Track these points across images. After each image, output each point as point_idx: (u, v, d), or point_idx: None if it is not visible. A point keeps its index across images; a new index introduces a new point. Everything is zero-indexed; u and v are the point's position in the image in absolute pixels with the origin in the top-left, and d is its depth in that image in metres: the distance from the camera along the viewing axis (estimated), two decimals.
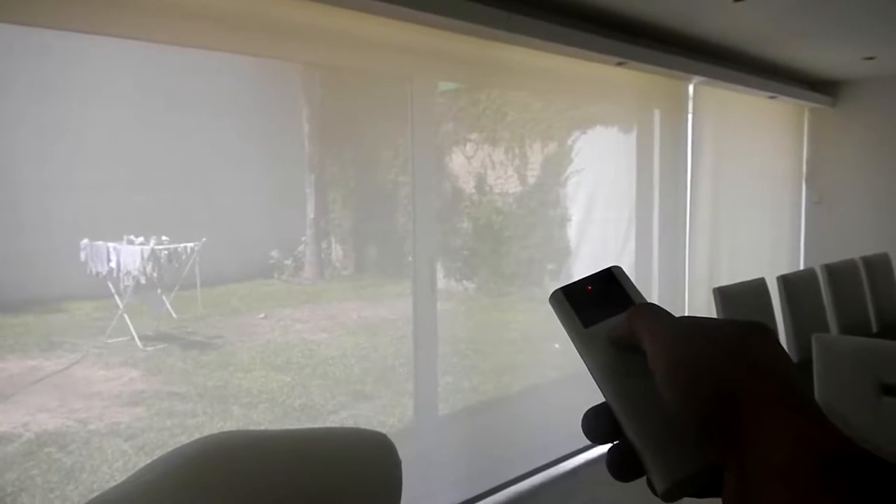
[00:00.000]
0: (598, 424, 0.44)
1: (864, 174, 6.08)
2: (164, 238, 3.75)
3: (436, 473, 3.49)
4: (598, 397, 0.45)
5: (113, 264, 3.61)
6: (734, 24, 4.03)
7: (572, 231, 4.56)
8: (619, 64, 4.11)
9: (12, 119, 3.26)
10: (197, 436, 1.18)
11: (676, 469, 0.40)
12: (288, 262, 4.79)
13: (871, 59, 5.10)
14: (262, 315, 4.46)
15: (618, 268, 0.51)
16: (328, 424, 3.55)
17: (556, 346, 4.46)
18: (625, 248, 4.72)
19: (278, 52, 3.05)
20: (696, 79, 4.77)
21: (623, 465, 0.42)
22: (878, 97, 5.98)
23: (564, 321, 0.49)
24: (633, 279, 0.50)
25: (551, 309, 0.50)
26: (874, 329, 4.11)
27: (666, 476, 0.40)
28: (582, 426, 0.44)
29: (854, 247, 5.25)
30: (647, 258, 4.86)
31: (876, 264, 4.32)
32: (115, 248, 3.62)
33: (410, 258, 3.43)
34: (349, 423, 3.53)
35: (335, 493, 1.20)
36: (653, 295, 4.88)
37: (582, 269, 4.56)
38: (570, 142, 4.56)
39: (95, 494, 1.00)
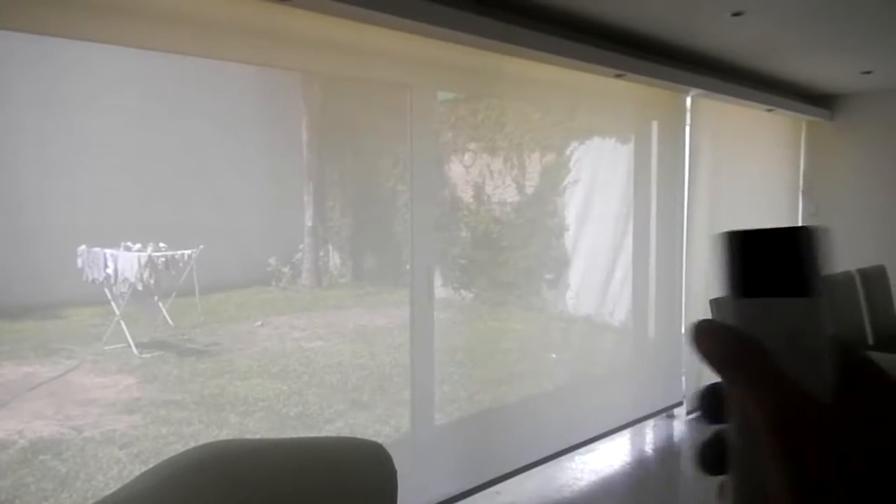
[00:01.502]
0: (712, 454, 0.37)
1: (861, 187, 6.10)
2: (161, 245, 3.75)
3: (431, 482, 3.48)
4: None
5: (110, 271, 3.61)
6: (732, 38, 4.05)
7: (569, 240, 4.57)
8: (618, 76, 4.13)
9: (12, 127, 3.26)
10: (193, 444, 1.18)
11: None
12: (286, 269, 4.79)
13: (868, 73, 5.13)
14: (259, 323, 4.46)
15: (818, 229, 0.38)
16: (324, 433, 3.54)
17: (553, 356, 4.46)
18: (622, 257, 4.72)
19: (279, 61, 3.06)
20: (694, 91, 4.79)
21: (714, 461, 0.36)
22: (876, 111, 6.01)
23: (723, 273, 0.38)
24: (629, 288, 0.44)
25: (715, 251, 0.39)
26: (870, 341, 4.12)
27: None
28: (695, 457, 0.38)
29: (850, 259, 5.26)
30: (643, 268, 4.86)
31: (872, 277, 4.33)
32: (112, 255, 3.62)
33: (408, 267, 3.43)
34: (345, 432, 3.52)
35: (331, 502, 1.20)
36: (650, 305, 4.89)
37: (579, 278, 4.56)
38: (567, 152, 4.57)
39: (90, 503, 0.99)
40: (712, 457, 0.36)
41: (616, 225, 4.71)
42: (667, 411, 4.99)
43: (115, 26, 2.39)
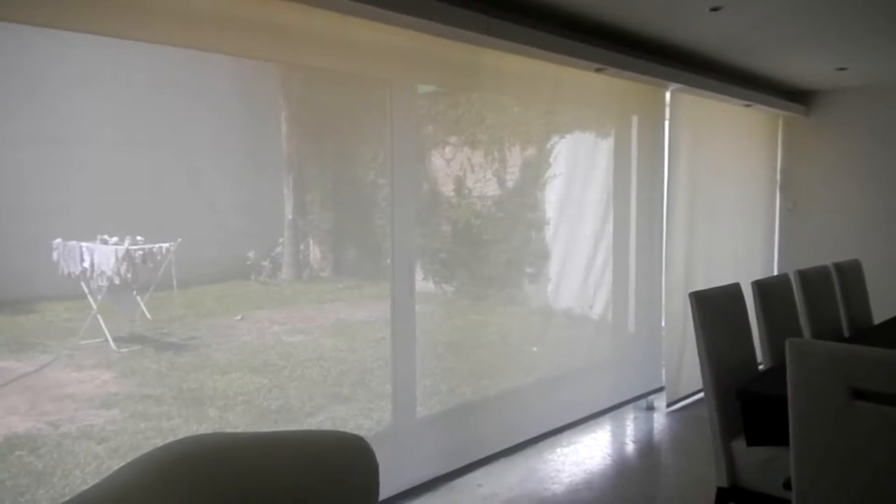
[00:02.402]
0: None
1: (837, 182, 6.19)
2: (138, 238, 3.71)
3: (412, 474, 3.49)
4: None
5: (86, 264, 3.57)
6: (711, 33, 4.08)
7: (550, 234, 4.58)
8: (598, 70, 4.14)
9: None
10: (172, 439, 1.17)
11: None
12: (265, 263, 4.76)
13: (843, 69, 5.19)
14: (238, 316, 4.43)
15: None
16: (305, 427, 3.53)
17: (534, 349, 4.48)
18: (602, 250, 4.75)
19: (257, 53, 3.03)
20: (674, 86, 4.82)
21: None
22: (850, 106, 6.09)
23: None
24: (609, 282, 0.46)
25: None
26: (846, 334, 4.17)
27: None
28: None
29: (826, 253, 5.33)
30: (623, 263, 4.89)
31: (848, 270, 4.39)
32: (88, 248, 3.57)
33: (389, 260, 3.42)
34: (327, 426, 3.51)
35: (312, 495, 1.20)
36: (630, 300, 4.92)
37: (560, 271, 4.58)
38: (548, 146, 4.59)
39: (67, 498, 0.98)
40: None
41: (596, 218, 4.74)
42: (645, 397, 5.04)
43: (91, 15, 2.35)
